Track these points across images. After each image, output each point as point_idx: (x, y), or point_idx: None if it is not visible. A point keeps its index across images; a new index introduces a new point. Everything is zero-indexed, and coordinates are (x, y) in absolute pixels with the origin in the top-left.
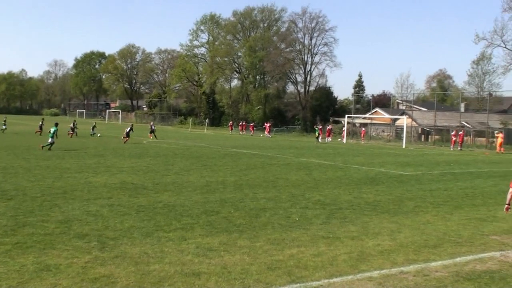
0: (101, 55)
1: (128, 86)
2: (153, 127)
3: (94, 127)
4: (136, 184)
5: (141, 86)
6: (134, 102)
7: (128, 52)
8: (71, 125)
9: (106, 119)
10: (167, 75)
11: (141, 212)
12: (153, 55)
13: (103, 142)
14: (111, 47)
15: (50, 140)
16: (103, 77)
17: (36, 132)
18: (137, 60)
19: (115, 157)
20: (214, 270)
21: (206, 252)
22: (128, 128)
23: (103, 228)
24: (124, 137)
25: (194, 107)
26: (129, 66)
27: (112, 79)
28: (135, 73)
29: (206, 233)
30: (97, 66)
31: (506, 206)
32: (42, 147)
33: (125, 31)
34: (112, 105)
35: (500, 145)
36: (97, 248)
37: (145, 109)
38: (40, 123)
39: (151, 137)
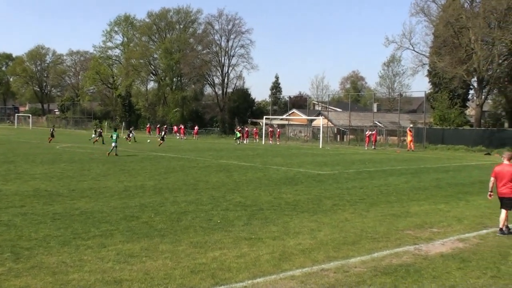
0: (8, 57)
1: (39, 89)
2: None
3: None
4: (51, 191)
5: (53, 89)
6: (46, 106)
7: (37, 54)
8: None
9: (15, 123)
10: (80, 77)
11: (57, 220)
12: (64, 57)
13: (12, 147)
14: (18, 48)
15: (113, 144)
16: (11, 79)
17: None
18: (48, 62)
19: (26, 163)
20: (136, 276)
21: (127, 258)
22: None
23: (16, 238)
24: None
25: (110, 110)
26: (38, 68)
27: (21, 82)
28: (45, 75)
29: (127, 239)
30: (3, 68)
31: (489, 193)
32: (108, 154)
33: (34, 31)
34: (22, 109)
35: (411, 143)
36: (11, 260)
37: (57, 112)
38: (52, 130)
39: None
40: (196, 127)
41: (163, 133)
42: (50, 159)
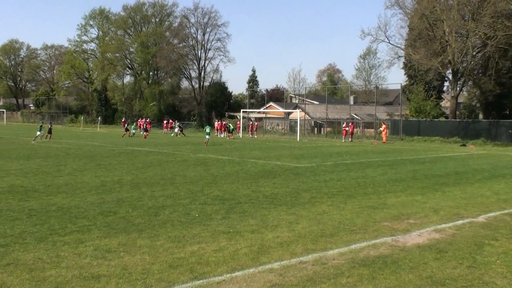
0: None
1: (13, 84)
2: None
3: None
4: (26, 187)
5: (27, 83)
6: (20, 101)
7: (10, 48)
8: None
9: None
10: (55, 72)
11: (33, 216)
12: (39, 51)
13: None
14: None
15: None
16: None
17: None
18: (22, 56)
19: (1, 159)
20: (114, 272)
21: (104, 254)
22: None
23: None
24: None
25: (85, 104)
26: (12, 63)
27: None
28: (19, 70)
29: (104, 235)
30: None
31: None
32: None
33: (7, 25)
34: None
35: (385, 136)
36: None
37: (32, 107)
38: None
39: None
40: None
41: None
42: (26, 154)
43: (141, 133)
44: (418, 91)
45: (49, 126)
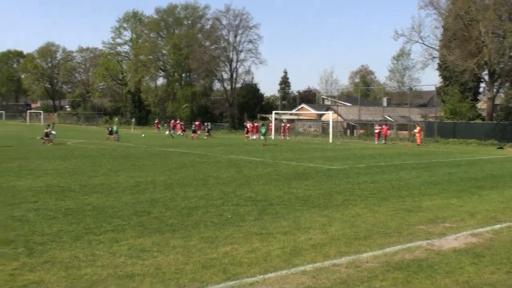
0: (19, 54)
1: (49, 86)
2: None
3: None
4: (63, 186)
5: (63, 85)
6: (57, 102)
7: (47, 51)
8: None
9: (28, 120)
10: (90, 74)
11: (69, 215)
12: (74, 54)
13: (25, 144)
14: (29, 46)
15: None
16: (22, 77)
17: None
18: (58, 58)
19: (39, 159)
20: (148, 271)
21: (139, 253)
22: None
23: (30, 233)
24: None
25: (120, 106)
26: (49, 65)
27: (32, 79)
28: (56, 72)
29: (138, 234)
30: (15, 66)
31: None
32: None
33: (44, 29)
34: (33, 105)
35: (419, 138)
36: (25, 254)
37: (68, 109)
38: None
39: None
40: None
41: (207, 128)
42: (62, 155)
43: (179, 134)
44: (453, 93)
45: (49, 129)
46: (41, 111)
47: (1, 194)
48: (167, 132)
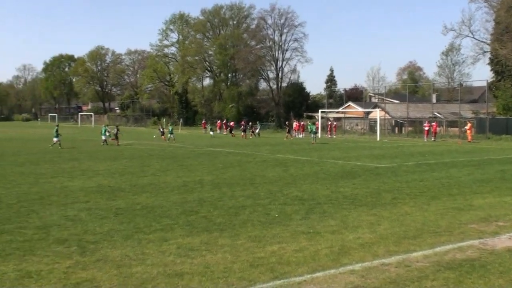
0: (70, 58)
1: (100, 88)
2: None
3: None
4: (113, 186)
5: (113, 88)
6: (106, 104)
7: (97, 54)
8: (114, 131)
9: (79, 122)
10: (138, 76)
11: (119, 214)
12: (123, 56)
13: (77, 145)
14: (79, 50)
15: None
16: (74, 80)
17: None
18: (107, 61)
19: (90, 160)
20: (196, 269)
21: (187, 252)
22: (116, 131)
23: (82, 232)
24: (112, 139)
25: (167, 107)
26: (99, 68)
27: (83, 82)
28: (105, 75)
29: (187, 233)
30: (66, 69)
31: None
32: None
33: (93, 33)
34: (84, 108)
35: (470, 134)
36: (78, 253)
37: (117, 111)
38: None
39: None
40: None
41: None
42: (112, 155)
43: (218, 133)
44: (506, 88)
45: (115, 131)
46: (91, 113)
47: (54, 194)
48: (211, 133)
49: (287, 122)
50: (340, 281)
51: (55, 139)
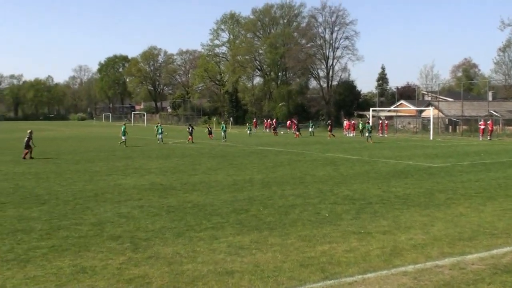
0: (124, 59)
1: (152, 88)
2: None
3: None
4: (165, 184)
5: (165, 87)
6: (158, 104)
7: (150, 55)
8: (188, 129)
9: (132, 121)
10: (189, 75)
11: (171, 212)
12: (175, 56)
13: (130, 144)
14: (133, 50)
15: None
16: (127, 80)
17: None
18: (160, 62)
19: (143, 158)
20: (246, 268)
21: (237, 250)
22: (190, 128)
23: (135, 229)
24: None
25: (218, 106)
26: (152, 68)
27: (136, 82)
28: (158, 75)
29: (237, 232)
30: (120, 70)
31: None
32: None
33: (146, 34)
34: (137, 107)
35: None
36: (131, 249)
37: (169, 110)
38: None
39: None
40: (289, 121)
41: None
42: (164, 154)
43: (254, 131)
44: None
45: (190, 129)
46: (144, 112)
47: (108, 192)
48: (248, 131)
49: (329, 121)
50: (392, 283)
51: (123, 137)
